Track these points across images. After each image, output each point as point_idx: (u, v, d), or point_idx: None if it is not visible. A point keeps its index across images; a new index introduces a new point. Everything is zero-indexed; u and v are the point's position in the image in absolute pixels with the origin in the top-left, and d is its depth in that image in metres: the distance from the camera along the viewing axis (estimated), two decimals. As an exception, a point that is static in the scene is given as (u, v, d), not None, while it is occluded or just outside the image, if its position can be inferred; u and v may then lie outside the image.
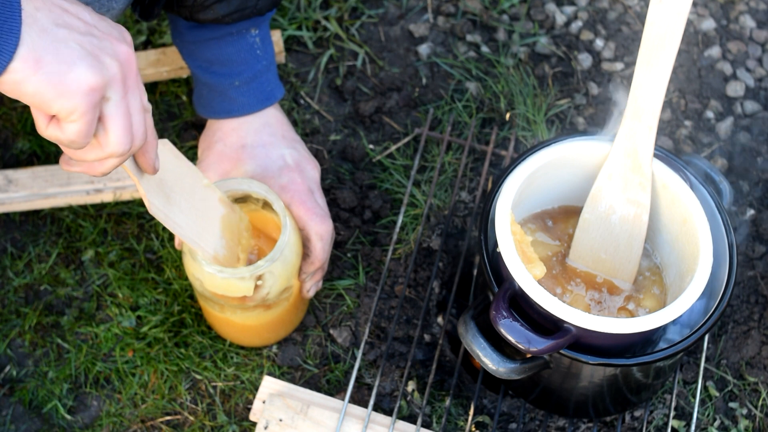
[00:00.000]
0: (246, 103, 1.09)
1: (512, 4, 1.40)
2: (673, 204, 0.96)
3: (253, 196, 1.02)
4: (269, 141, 1.09)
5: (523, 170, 0.96)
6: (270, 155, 1.08)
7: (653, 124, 0.93)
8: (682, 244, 0.96)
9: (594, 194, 0.97)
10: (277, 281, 1.01)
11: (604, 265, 0.98)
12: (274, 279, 1.00)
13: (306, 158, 1.10)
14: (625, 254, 0.98)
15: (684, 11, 0.89)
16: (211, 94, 1.10)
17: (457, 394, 1.12)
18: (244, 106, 1.09)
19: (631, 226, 0.96)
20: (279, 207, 1.00)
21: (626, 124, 0.94)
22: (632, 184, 0.95)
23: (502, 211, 0.92)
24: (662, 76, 0.91)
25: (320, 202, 1.08)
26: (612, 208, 0.97)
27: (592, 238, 0.98)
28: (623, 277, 0.98)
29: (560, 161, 0.97)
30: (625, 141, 0.94)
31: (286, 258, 1.01)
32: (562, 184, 1.01)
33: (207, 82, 1.10)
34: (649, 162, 0.94)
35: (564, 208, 1.04)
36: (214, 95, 1.09)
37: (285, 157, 1.08)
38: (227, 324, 1.09)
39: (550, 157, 0.96)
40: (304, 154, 1.10)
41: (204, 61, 1.09)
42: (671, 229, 0.97)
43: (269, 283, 1.00)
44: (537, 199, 1.01)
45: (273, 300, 1.03)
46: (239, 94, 1.09)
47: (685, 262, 0.95)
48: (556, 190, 1.02)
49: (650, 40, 0.91)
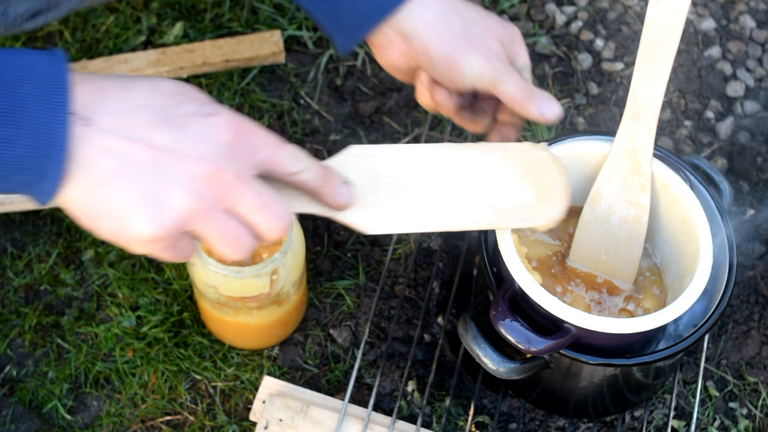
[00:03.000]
0: None
1: (512, 4, 1.40)
2: (673, 204, 0.96)
3: None
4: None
5: None
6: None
7: (653, 125, 0.93)
8: (681, 244, 0.96)
9: (593, 195, 0.97)
10: (290, 273, 1.02)
11: (604, 265, 0.98)
12: (288, 271, 1.02)
13: None
14: (625, 255, 0.98)
15: (683, 11, 0.89)
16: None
17: (457, 394, 1.12)
18: None
19: (631, 226, 0.96)
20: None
21: (625, 124, 0.94)
22: (632, 185, 0.95)
23: None
24: (661, 76, 0.91)
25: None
26: (612, 209, 0.97)
27: (591, 239, 0.98)
28: (623, 277, 0.98)
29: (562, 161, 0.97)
30: (625, 141, 0.94)
31: (295, 248, 1.02)
32: None
33: None
34: (648, 162, 0.94)
35: None
36: None
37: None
38: (242, 328, 1.09)
39: None
40: None
41: None
42: (671, 229, 0.97)
43: (283, 276, 1.02)
44: None
45: (286, 294, 1.04)
46: None
47: (684, 262, 0.95)
48: None
49: (649, 40, 0.90)
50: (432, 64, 0.91)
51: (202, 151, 0.67)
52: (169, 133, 0.66)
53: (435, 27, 0.90)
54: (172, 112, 0.67)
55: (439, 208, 0.84)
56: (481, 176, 0.86)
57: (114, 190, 0.65)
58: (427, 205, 0.84)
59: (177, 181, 0.66)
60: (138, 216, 0.65)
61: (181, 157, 0.66)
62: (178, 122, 0.67)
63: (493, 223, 0.86)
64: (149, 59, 1.31)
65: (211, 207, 0.68)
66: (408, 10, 0.90)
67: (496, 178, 0.86)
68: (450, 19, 0.91)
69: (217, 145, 0.67)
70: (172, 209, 0.66)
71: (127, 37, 1.35)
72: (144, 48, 1.35)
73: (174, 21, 1.36)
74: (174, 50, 1.32)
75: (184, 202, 0.66)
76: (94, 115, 0.65)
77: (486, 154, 0.87)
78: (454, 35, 0.90)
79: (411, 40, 0.91)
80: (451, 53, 0.90)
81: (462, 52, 0.90)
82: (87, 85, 0.67)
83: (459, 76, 0.90)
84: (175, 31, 1.35)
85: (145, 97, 0.67)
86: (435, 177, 0.85)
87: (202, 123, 0.68)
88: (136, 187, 0.65)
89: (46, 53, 0.67)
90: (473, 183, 0.86)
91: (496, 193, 0.86)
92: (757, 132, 1.31)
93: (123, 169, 0.65)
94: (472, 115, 0.97)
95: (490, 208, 0.86)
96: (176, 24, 1.36)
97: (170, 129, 0.67)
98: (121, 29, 1.35)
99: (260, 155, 0.70)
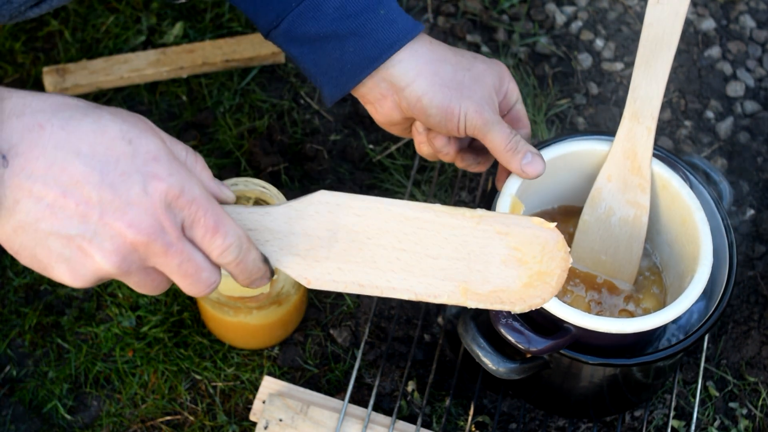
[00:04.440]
0: (406, 26, 0.90)
1: (512, 4, 1.40)
2: (673, 204, 0.96)
3: (246, 194, 1.03)
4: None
5: None
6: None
7: (652, 126, 0.93)
8: (681, 244, 0.96)
9: (593, 196, 0.97)
10: None
11: (604, 266, 0.98)
12: None
13: None
14: (625, 256, 0.98)
15: (682, 12, 0.89)
16: (358, 42, 0.89)
17: (457, 394, 1.12)
18: (406, 29, 0.90)
19: (631, 227, 0.96)
20: (282, 201, 1.01)
21: (625, 125, 0.94)
22: (632, 186, 0.95)
23: (502, 207, 0.92)
24: (660, 77, 0.91)
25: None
26: (611, 210, 0.97)
27: (591, 240, 0.98)
28: (623, 278, 0.98)
29: (560, 161, 0.97)
30: (624, 142, 0.94)
31: None
32: (562, 184, 1.01)
33: (346, 30, 0.88)
34: (648, 163, 0.94)
35: (564, 208, 1.04)
36: (363, 40, 0.89)
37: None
38: (242, 328, 1.09)
39: (549, 156, 0.96)
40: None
41: (332, 10, 0.88)
42: (671, 229, 0.97)
43: (283, 276, 1.02)
44: (536, 200, 1.01)
45: (286, 293, 1.04)
46: (395, 16, 0.90)
47: (684, 263, 0.95)
48: (555, 190, 1.02)
49: (648, 41, 0.90)
50: (426, 115, 0.91)
51: (135, 216, 0.64)
52: (103, 191, 0.63)
53: (426, 77, 0.90)
54: (110, 167, 0.64)
55: (396, 275, 0.76)
56: (460, 249, 0.76)
57: (38, 237, 0.63)
58: (383, 269, 0.76)
59: (103, 241, 0.64)
60: (59, 266, 0.64)
61: (111, 218, 0.63)
62: (115, 180, 0.63)
63: (459, 302, 0.77)
64: (149, 59, 1.31)
65: (134, 269, 0.66)
66: (398, 60, 0.89)
67: (478, 256, 0.76)
68: (441, 68, 0.91)
69: (151, 212, 0.64)
70: (93, 267, 0.65)
71: (127, 37, 1.35)
72: (144, 48, 1.35)
73: (174, 21, 1.36)
74: (174, 50, 1.32)
75: (107, 263, 0.64)
76: (24, 157, 0.62)
77: (478, 227, 0.76)
78: (446, 84, 0.90)
79: (402, 90, 0.90)
80: (445, 102, 0.90)
81: (455, 101, 0.90)
82: (24, 119, 0.63)
83: (454, 124, 0.91)
84: (175, 31, 1.35)
85: (86, 142, 0.63)
86: (403, 240, 0.76)
87: (140, 184, 0.64)
88: (61, 239, 0.63)
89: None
90: (447, 255, 0.76)
91: (471, 272, 0.77)
92: (757, 132, 1.31)
93: (49, 219, 0.63)
94: (474, 155, 0.97)
95: (457, 286, 0.76)
96: (176, 24, 1.36)
97: (105, 187, 0.63)
98: (121, 29, 1.35)
99: (195, 230, 0.67)
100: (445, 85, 0.90)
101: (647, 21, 0.90)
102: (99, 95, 1.31)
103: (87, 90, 1.29)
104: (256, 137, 1.27)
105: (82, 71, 1.30)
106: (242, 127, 1.29)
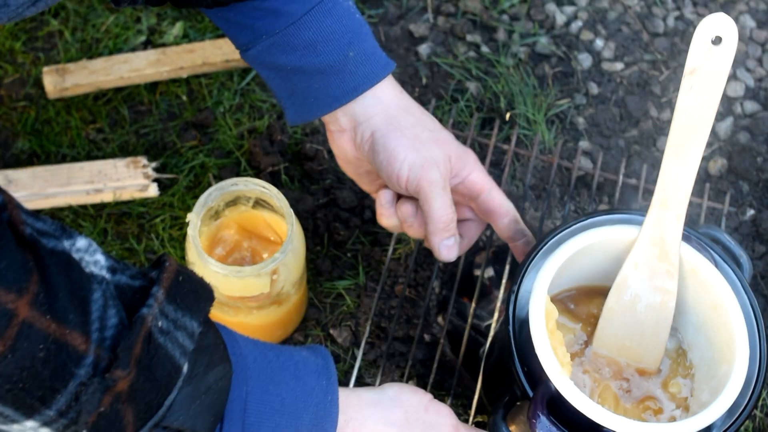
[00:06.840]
0: (373, 70, 0.93)
1: (512, 4, 1.40)
2: (702, 289, 0.93)
3: (246, 195, 1.03)
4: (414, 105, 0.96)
5: (551, 266, 0.91)
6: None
7: (681, 213, 0.90)
8: (710, 329, 0.93)
9: (619, 283, 0.94)
10: (291, 273, 1.03)
11: (629, 352, 0.95)
12: (288, 271, 1.02)
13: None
14: (651, 341, 0.95)
15: (716, 99, 0.86)
16: (324, 80, 0.92)
17: (457, 394, 1.12)
18: (373, 73, 0.93)
19: (658, 313, 0.94)
20: (282, 201, 1.01)
21: (653, 212, 0.91)
22: (659, 273, 0.92)
23: (536, 311, 0.88)
24: (692, 165, 0.89)
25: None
26: (638, 297, 0.94)
27: (616, 327, 0.95)
28: (648, 363, 0.95)
29: (587, 250, 0.93)
30: (652, 229, 0.91)
31: (296, 248, 1.02)
32: (586, 267, 0.97)
33: (313, 67, 0.91)
34: (676, 250, 0.91)
35: (585, 289, 0.99)
36: (329, 78, 0.92)
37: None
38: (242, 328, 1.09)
39: (575, 248, 0.92)
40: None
41: (302, 47, 0.91)
42: (699, 311, 0.94)
43: (283, 276, 1.02)
44: (557, 282, 0.96)
45: (286, 293, 1.05)
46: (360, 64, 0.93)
47: (715, 348, 0.92)
48: (579, 274, 0.98)
49: (680, 128, 0.88)
50: (374, 152, 0.92)
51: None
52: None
53: (384, 118, 0.92)
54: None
55: None
56: None
57: None
58: None
59: None
60: None
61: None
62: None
63: None
64: (149, 59, 1.31)
65: None
66: (362, 99, 0.92)
67: None
68: (402, 116, 0.92)
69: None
70: None
71: (127, 37, 1.35)
72: (144, 48, 1.35)
73: (174, 21, 1.37)
74: (174, 50, 1.32)
75: None
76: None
77: None
78: (401, 131, 0.92)
79: (360, 125, 0.93)
80: (392, 145, 0.91)
81: (403, 149, 0.91)
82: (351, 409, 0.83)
83: (394, 170, 0.91)
84: (175, 31, 1.35)
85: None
86: None
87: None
88: None
89: (320, 375, 0.80)
90: None
91: None
92: (757, 132, 1.31)
93: None
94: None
95: None
96: (176, 24, 1.36)
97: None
98: (121, 29, 1.35)
99: None
100: (399, 130, 0.92)
101: (680, 107, 0.88)
102: (99, 95, 1.31)
103: (87, 90, 1.30)
104: (256, 137, 1.27)
105: (82, 71, 1.30)
106: (242, 127, 1.29)
